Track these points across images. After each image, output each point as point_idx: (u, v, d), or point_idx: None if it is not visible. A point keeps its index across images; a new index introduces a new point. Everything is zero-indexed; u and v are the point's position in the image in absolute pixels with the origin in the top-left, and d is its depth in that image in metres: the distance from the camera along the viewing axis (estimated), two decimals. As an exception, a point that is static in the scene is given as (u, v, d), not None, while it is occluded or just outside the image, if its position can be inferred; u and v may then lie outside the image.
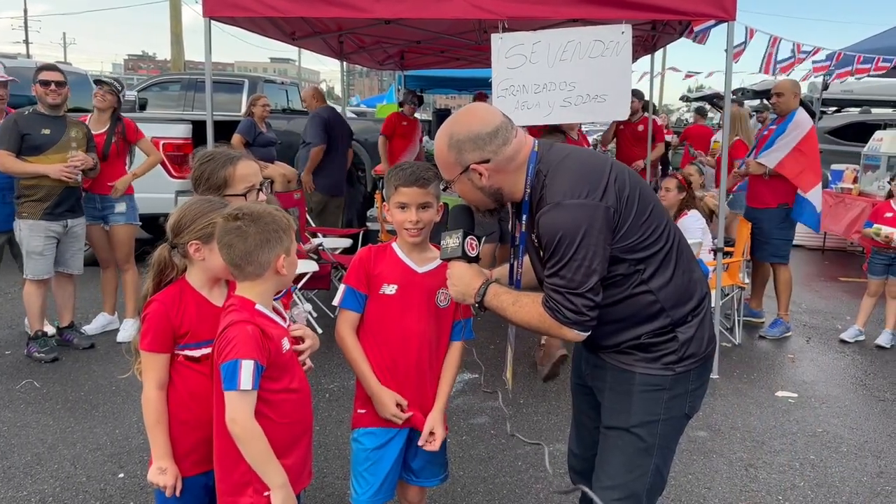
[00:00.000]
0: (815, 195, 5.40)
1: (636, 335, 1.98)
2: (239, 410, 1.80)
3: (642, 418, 2.00)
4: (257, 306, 1.90)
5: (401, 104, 8.91)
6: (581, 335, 1.91)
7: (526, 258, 2.15)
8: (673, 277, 1.96)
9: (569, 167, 1.92)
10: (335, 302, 2.31)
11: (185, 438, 2.04)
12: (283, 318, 2.03)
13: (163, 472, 2.01)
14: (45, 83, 4.71)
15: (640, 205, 1.91)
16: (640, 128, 8.18)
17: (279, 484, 1.85)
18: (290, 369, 1.96)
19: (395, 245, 2.31)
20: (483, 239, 2.16)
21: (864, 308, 5.64)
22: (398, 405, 2.28)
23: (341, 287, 2.30)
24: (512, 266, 2.17)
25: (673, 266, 1.97)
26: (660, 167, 9.75)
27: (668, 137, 10.57)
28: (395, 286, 2.25)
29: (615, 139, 8.71)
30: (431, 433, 2.30)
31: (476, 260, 2.10)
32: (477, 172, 1.95)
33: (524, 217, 2.01)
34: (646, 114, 8.21)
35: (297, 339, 2.07)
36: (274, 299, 2.02)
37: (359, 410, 2.35)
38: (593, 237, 1.82)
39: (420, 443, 2.31)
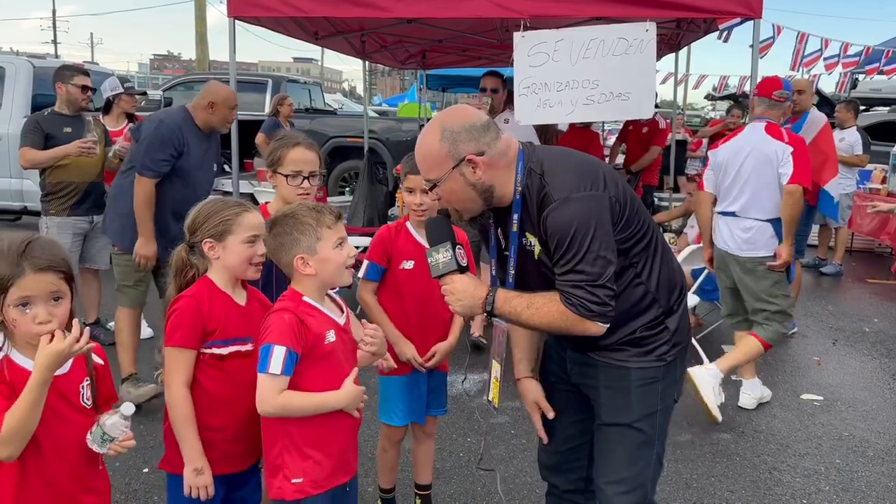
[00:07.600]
0: (832, 187, 5.39)
1: (632, 329, 2.01)
2: (265, 391, 1.88)
3: (642, 412, 2.04)
4: (304, 298, 1.98)
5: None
6: (603, 327, 1.91)
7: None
8: (661, 268, 2.02)
9: (566, 164, 1.94)
10: (360, 275, 2.68)
11: (209, 439, 2.03)
12: (342, 311, 2.09)
13: (200, 474, 1.99)
14: (85, 88, 4.76)
15: (631, 199, 1.96)
16: (645, 130, 8.12)
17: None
18: (332, 362, 1.98)
19: (408, 224, 2.69)
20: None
21: None
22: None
23: (364, 262, 2.68)
24: (507, 274, 2.05)
25: (659, 257, 2.03)
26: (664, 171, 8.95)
27: (680, 136, 10.04)
28: (413, 262, 2.63)
29: (624, 143, 8.71)
30: (434, 354, 2.71)
31: (467, 269, 2.01)
32: (471, 165, 1.90)
33: (515, 217, 1.96)
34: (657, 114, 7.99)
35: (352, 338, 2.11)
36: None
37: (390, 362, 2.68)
38: (604, 227, 1.85)
39: (424, 359, 2.71)
